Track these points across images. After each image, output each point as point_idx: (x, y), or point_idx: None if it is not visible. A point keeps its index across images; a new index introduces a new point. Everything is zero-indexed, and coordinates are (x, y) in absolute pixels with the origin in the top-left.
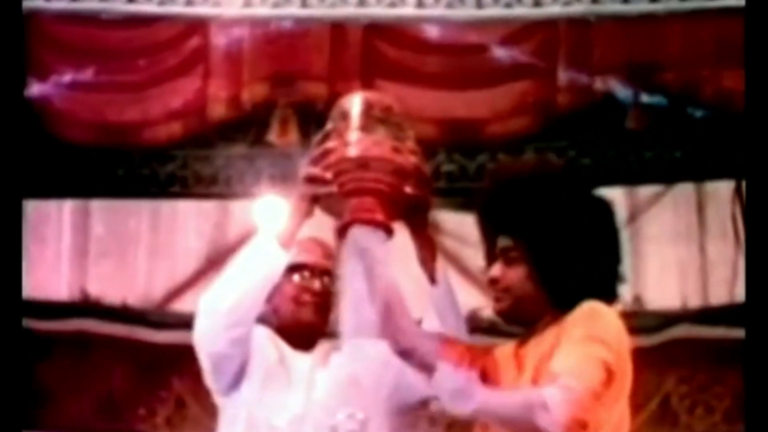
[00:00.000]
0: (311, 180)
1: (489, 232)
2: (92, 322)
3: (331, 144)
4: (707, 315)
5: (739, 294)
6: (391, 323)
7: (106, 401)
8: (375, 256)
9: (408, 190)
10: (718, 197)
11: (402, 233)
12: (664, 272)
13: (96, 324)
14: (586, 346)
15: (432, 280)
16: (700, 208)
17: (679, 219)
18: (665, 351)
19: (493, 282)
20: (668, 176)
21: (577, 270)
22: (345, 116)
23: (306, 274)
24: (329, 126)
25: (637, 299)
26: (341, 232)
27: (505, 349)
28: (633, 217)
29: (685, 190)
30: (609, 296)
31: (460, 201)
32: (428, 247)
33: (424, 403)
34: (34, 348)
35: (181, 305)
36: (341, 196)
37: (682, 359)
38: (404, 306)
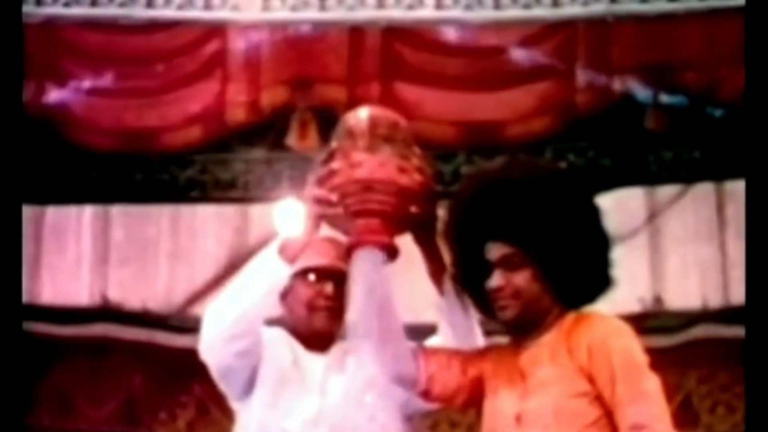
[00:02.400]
0: (317, 201)
1: (475, 241)
2: (113, 327)
3: (336, 165)
4: (728, 314)
5: None
6: (388, 351)
7: (127, 406)
8: (376, 283)
9: (413, 209)
10: (737, 196)
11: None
12: (685, 272)
13: (117, 329)
14: (649, 378)
15: (441, 292)
16: (720, 208)
17: (699, 218)
18: (686, 351)
19: (498, 290)
20: (688, 176)
21: (579, 262)
22: (350, 134)
23: (319, 277)
24: (334, 144)
25: (658, 299)
26: (348, 252)
27: (501, 353)
28: (653, 217)
29: (704, 189)
30: (608, 283)
31: None
32: (437, 262)
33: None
34: (55, 353)
35: (201, 310)
36: (347, 217)
37: (703, 359)
38: (400, 332)
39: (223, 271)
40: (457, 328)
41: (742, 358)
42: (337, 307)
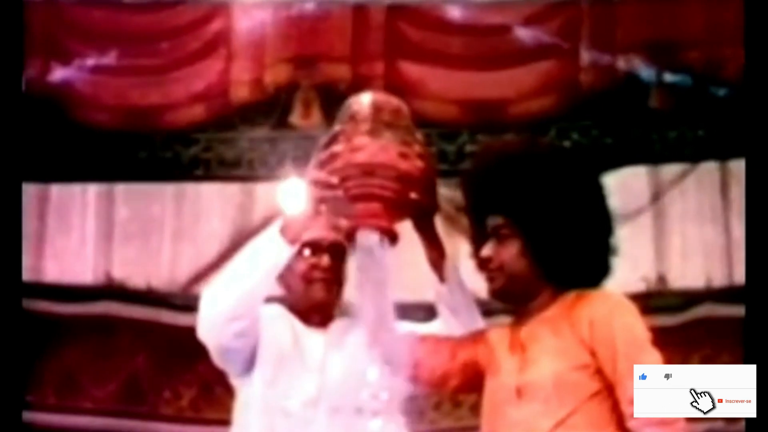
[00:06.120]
0: (317, 184)
1: (478, 213)
2: (117, 305)
3: (337, 148)
4: (731, 294)
5: None
6: (379, 335)
7: (131, 384)
8: (371, 267)
9: (413, 196)
10: (741, 175)
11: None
12: (688, 251)
13: (121, 307)
14: (651, 353)
15: (441, 279)
16: (724, 187)
17: (703, 198)
18: (689, 330)
19: (486, 261)
20: (692, 155)
21: (568, 243)
22: (353, 119)
23: (315, 249)
24: (337, 127)
25: (661, 279)
26: (348, 236)
27: (500, 332)
28: (657, 196)
29: (708, 168)
30: (603, 269)
31: None
32: (437, 248)
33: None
34: (59, 331)
35: (205, 288)
36: (347, 200)
37: (706, 338)
38: (391, 317)
39: (227, 250)
40: (459, 314)
41: (744, 337)
42: (333, 278)
